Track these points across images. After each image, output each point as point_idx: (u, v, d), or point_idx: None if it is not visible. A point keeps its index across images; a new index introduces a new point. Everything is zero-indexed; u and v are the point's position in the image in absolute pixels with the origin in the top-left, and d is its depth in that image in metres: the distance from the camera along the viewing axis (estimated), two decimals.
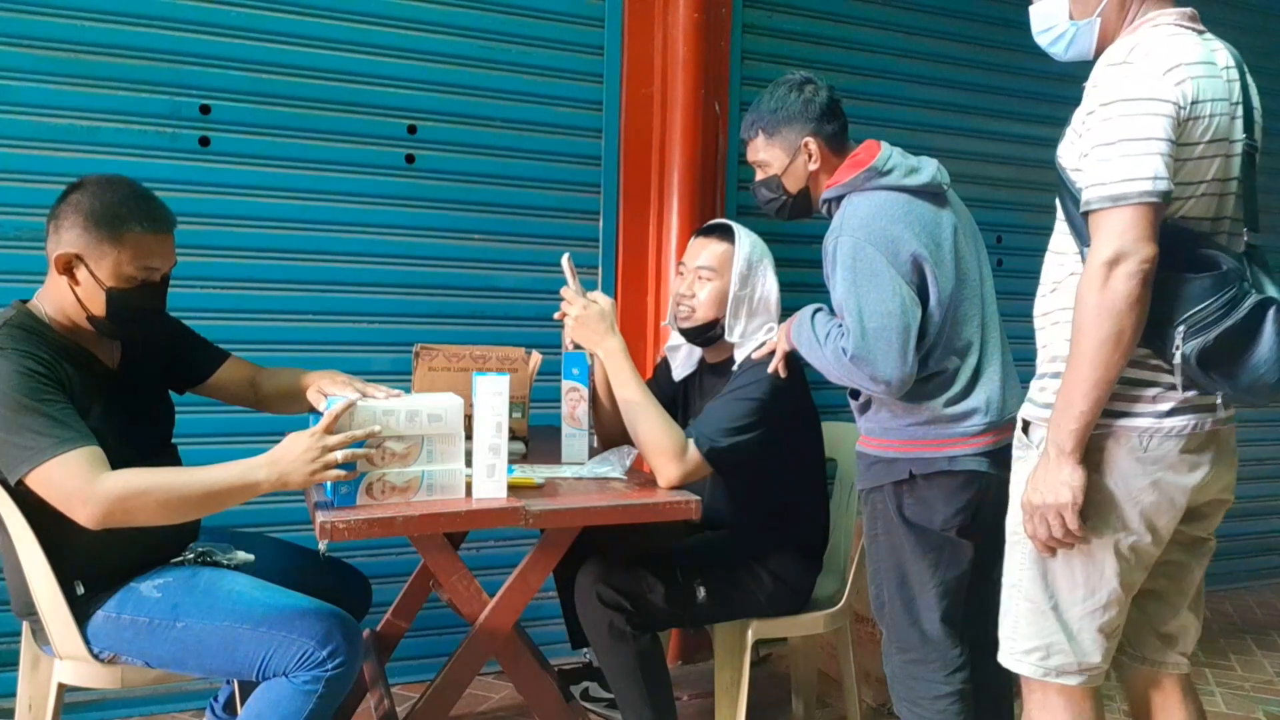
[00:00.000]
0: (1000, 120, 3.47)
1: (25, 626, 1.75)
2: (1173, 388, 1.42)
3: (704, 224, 2.23)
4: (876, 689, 2.60)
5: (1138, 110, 1.34)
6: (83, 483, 1.46)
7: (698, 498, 1.78)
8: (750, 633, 2.08)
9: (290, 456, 1.51)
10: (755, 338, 2.06)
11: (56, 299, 1.64)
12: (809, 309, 1.89)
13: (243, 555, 1.82)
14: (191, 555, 1.79)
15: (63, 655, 1.66)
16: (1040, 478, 1.46)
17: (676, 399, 2.28)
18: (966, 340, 1.79)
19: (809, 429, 2.14)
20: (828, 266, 1.80)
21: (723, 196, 3.02)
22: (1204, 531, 1.58)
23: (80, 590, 1.65)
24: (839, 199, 1.85)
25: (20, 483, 1.50)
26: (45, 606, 1.63)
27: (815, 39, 3.18)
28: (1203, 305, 1.35)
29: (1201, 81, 1.37)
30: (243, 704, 1.64)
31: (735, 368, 2.06)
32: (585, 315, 1.98)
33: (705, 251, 2.10)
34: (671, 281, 2.20)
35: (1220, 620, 3.63)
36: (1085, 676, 1.50)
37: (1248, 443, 4.05)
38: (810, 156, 1.89)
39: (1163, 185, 1.32)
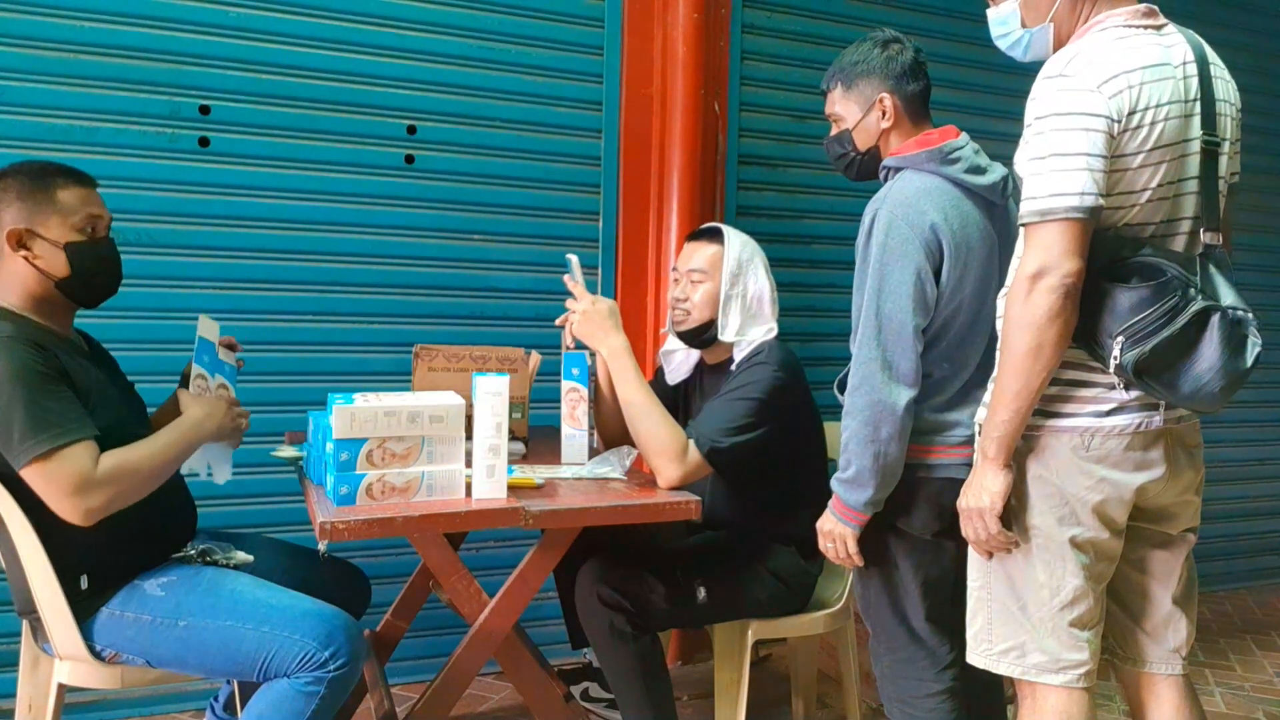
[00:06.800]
0: (1001, 121, 3.43)
1: (25, 626, 1.75)
2: (1113, 387, 1.43)
3: (697, 228, 2.24)
4: (877, 689, 2.60)
5: (1069, 125, 1.35)
6: (87, 471, 1.52)
7: (698, 498, 1.78)
8: (750, 633, 2.08)
9: (218, 419, 1.76)
10: (755, 339, 2.06)
11: (16, 285, 1.66)
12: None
13: (242, 555, 1.82)
14: (194, 553, 1.79)
15: (63, 655, 1.66)
16: (970, 483, 1.51)
17: (677, 401, 2.28)
18: (965, 355, 1.74)
19: (810, 429, 2.14)
20: (862, 236, 1.74)
21: (723, 197, 3.02)
22: (1175, 529, 1.57)
23: (85, 585, 1.65)
24: (897, 170, 1.79)
25: (18, 475, 1.52)
26: (45, 604, 1.63)
27: (815, 39, 3.18)
28: (1140, 316, 1.35)
29: (1145, 89, 1.36)
30: (243, 704, 1.65)
31: (734, 367, 2.06)
32: (592, 311, 1.98)
33: (696, 255, 2.12)
34: (669, 287, 2.20)
35: (1220, 620, 3.63)
36: (1069, 675, 1.48)
37: (1247, 443, 4.04)
38: (884, 114, 1.82)
39: (1090, 201, 1.33)
